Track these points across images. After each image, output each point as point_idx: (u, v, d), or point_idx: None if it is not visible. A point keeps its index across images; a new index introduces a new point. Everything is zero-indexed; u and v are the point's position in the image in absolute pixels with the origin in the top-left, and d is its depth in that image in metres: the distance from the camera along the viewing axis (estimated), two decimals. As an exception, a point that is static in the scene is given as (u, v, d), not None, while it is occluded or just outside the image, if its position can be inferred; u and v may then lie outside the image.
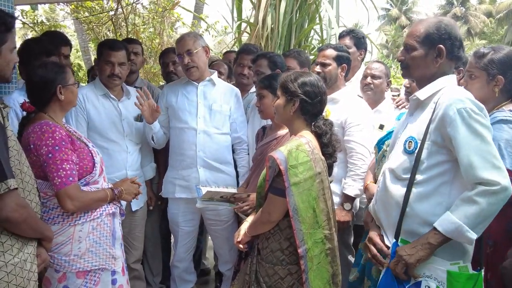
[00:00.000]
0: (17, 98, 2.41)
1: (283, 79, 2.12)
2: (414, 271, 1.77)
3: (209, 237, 4.44)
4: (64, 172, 2.00)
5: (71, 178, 2.01)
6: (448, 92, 1.81)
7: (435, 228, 1.72)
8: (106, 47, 2.85)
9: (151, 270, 3.40)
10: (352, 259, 2.96)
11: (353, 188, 2.74)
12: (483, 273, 1.82)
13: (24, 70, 2.51)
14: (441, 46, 1.85)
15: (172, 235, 3.47)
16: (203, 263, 4.22)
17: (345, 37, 3.66)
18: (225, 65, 3.80)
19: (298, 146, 1.95)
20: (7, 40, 1.75)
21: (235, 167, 3.13)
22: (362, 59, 3.81)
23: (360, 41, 3.64)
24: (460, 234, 1.67)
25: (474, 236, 1.67)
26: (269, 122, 2.91)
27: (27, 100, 2.18)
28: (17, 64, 2.07)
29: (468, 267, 1.76)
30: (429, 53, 1.87)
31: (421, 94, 1.90)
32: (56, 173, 1.99)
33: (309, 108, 2.06)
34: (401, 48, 1.99)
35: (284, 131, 2.56)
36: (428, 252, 1.73)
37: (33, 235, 1.78)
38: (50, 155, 1.99)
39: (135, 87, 3.25)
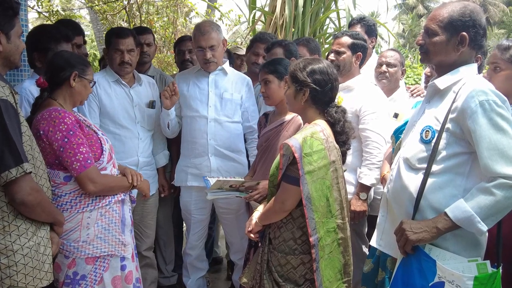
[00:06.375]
0: (29, 87, 2.41)
1: (292, 68, 2.06)
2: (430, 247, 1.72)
3: (221, 226, 4.47)
4: (82, 156, 2.02)
5: (89, 161, 2.05)
6: (470, 83, 1.73)
7: (446, 214, 1.66)
8: (113, 36, 2.84)
9: (163, 258, 3.40)
10: (366, 249, 2.92)
11: (369, 177, 2.69)
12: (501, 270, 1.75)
13: (39, 56, 2.49)
14: (465, 33, 1.76)
15: (184, 224, 3.46)
16: (215, 251, 4.23)
17: (356, 25, 3.59)
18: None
19: (313, 134, 1.90)
20: (15, 25, 1.76)
21: (247, 156, 3.10)
22: (373, 47, 3.75)
23: (370, 29, 3.58)
24: (471, 224, 1.62)
25: (484, 228, 1.61)
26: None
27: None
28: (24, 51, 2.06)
29: (487, 265, 1.69)
30: (451, 40, 1.78)
31: (440, 82, 1.83)
32: (74, 157, 2.01)
33: (320, 96, 2.00)
34: (421, 31, 1.91)
35: (289, 116, 2.51)
36: (433, 236, 1.67)
37: (46, 219, 1.81)
38: (65, 139, 2.00)
39: (147, 75, 3.23)
